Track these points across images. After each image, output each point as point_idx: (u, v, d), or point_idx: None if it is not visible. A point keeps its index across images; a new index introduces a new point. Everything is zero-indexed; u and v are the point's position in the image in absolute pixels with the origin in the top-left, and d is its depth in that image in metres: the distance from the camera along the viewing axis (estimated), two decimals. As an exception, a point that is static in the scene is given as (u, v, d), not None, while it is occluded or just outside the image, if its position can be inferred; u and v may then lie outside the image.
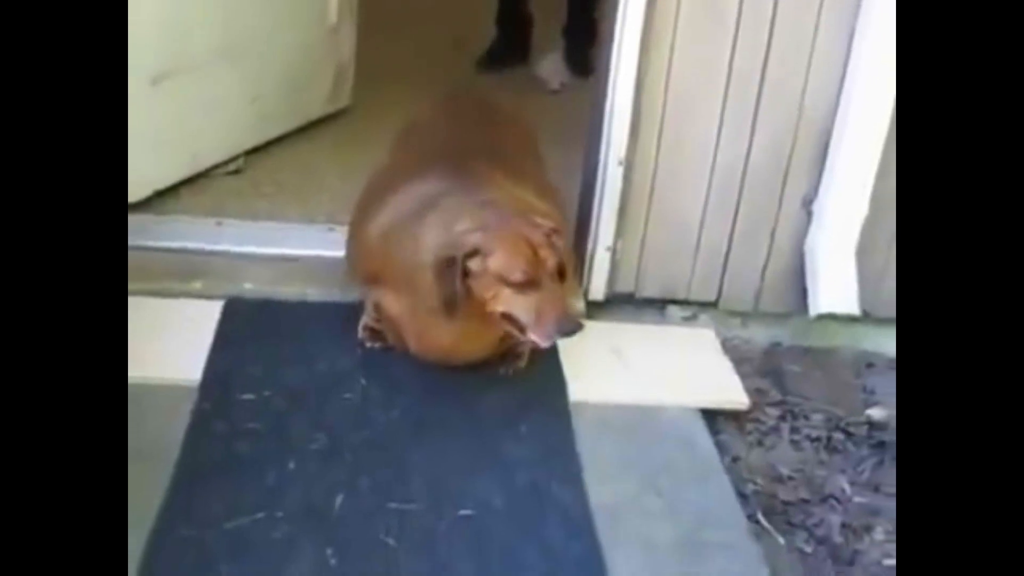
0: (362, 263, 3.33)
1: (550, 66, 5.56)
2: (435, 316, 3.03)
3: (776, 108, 3.62)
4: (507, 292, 2.92)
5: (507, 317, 2.96)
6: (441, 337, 3.14)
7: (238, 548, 2.65)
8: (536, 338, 2.93)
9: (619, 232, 3.72)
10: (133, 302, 3.22)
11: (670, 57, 3.54)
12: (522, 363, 3.31)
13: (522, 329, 2.94)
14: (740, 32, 3.54)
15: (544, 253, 2.91)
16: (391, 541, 2.74)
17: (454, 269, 2.90)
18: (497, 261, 2.91)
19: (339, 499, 2.84)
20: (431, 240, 3.02)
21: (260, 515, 2.75)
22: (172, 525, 2.70)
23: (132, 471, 2.64)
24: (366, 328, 3.35)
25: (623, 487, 3.04)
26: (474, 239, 2.92)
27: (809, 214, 3.72)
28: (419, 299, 3.07)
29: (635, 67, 3.52)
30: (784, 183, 3.71)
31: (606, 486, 3.01)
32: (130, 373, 2.93)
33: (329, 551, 2.68)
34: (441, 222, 3.03)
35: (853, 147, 3.56)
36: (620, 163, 3.63)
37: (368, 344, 3.34)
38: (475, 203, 3.04)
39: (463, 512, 2.86)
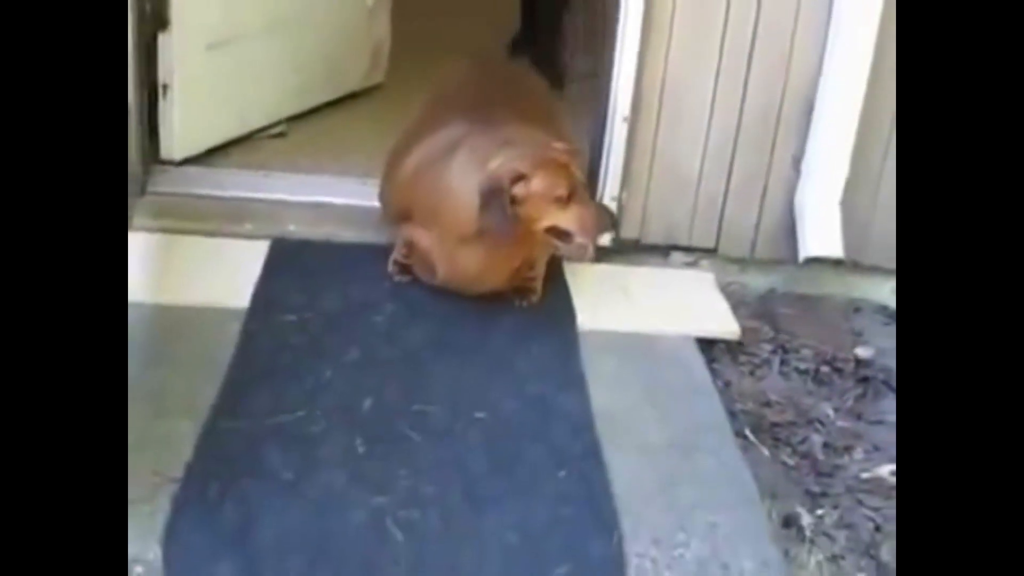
0: (395, 202, 3.62)
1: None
2: (461, 245, 3.34)
3: (765, 73, 3.90)
4: (552, 208, 3.19)
5: (553, 231, 3.23)
6: (467, 265, 3.39)
7: (279, 437, 2.94)
8: (584, 240, 3.22)
9: (624, 183, 3.99)
10: (191, 240, 3.59)
11: (670, 26, 3.85)
12: (535, 297, 3.58)
13: (568, 238, 3.23)
14: (732, 5, 3.85)
15: (573, 169, 3.21)
16: (413, 435, 3.01)
17: (503, 197, 3.16)
18: (540, 183, 3.18)
19: (368, 402, 3.12)
20: (458, 174, 3.31)
21: (300, 413, 3.04)
22: (222, 418, 2.99)
23: (187, 377, 3.00)
24: (396, 263, 3.60)
25: (621, 399, 3.30)
26: (518, 166, 3.18)
27: (798, 171, 3.98)
28: (447, 230, 3.36)
29: (639, 33, 3.82)
30: (774, 141, 3.98)
31: (606, 398, 3.27)
32: (187, 299, 3.30)
33: (358, 441, 2.96)
34: (468, 158, 3.30)
35: (835, 108, 3.84)
36: (625, 120, 3.91)
37: (397, 278, 3.60)
38: (498, 140, 3.29)
39: (478, 415, 3.13)
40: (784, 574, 2.78)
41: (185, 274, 3.67)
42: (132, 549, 2.58)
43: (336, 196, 4.08)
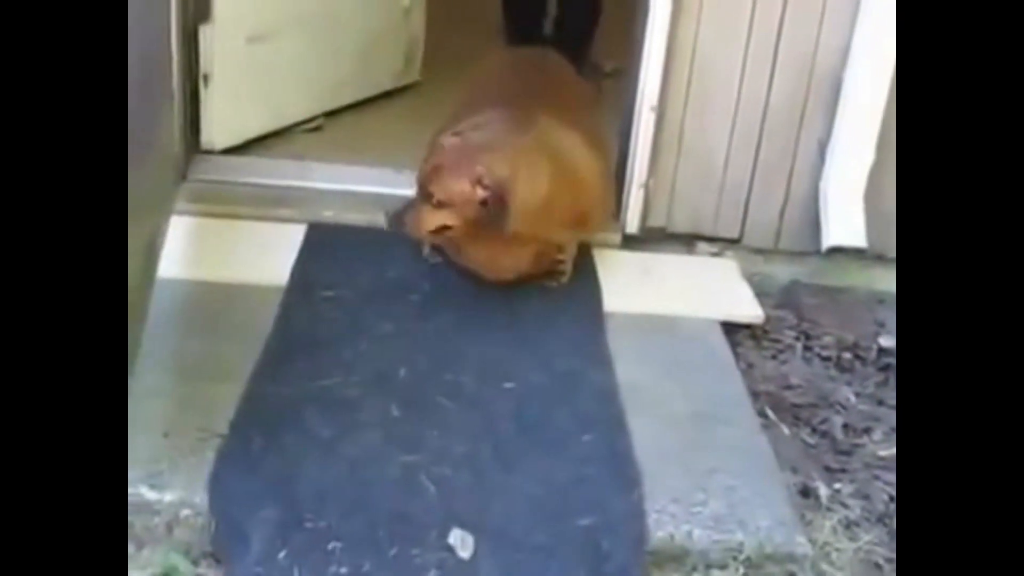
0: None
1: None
2: (480, 234, 3.47)
3: (791, 62, 4.09)
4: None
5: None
6: (480, 252, 3.60)
7: (318, 400, 3.16)
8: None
9: (651, 171, 4.19)
10: (231, 224, 3.83)
11: (698, 15, 4.05)
12: (565, 278, 3.75)
13: None
14: (759, -9, 4.01)
15: (434, 182, 3.40)
16: (445, 401, 3.23)
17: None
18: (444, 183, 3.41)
19: (402, 371, 3.35)
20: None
21: (337, 379, 3.26)
22: (263, 383, 3.22)
23: (229, 347, 3.24)
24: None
25: (646, 374, 3.50)
26: (440, 138, 3.53)
27: (823, 157, 4.16)
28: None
29: (667, 23, 4.03)
30: (800, 130, 4.17)
31: (631, 373, 3.46)
32: (229, 276, 3.53)
33: (393, 406, 3.18)
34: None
35: (861, 96, 4.02)
36: (652, 109, 4.11)
37: (432, 260, 3.78)
38: (496, 137, 3.52)
39: (507, 384, 3.35)
40: (799, 533, 2.95)
41: (225, 254, 3.91)
42: (179, 494, 2.83)
43: (371, 185, 4.29)
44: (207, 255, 3.90)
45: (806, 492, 3.22)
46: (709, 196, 4.25)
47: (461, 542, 2.75)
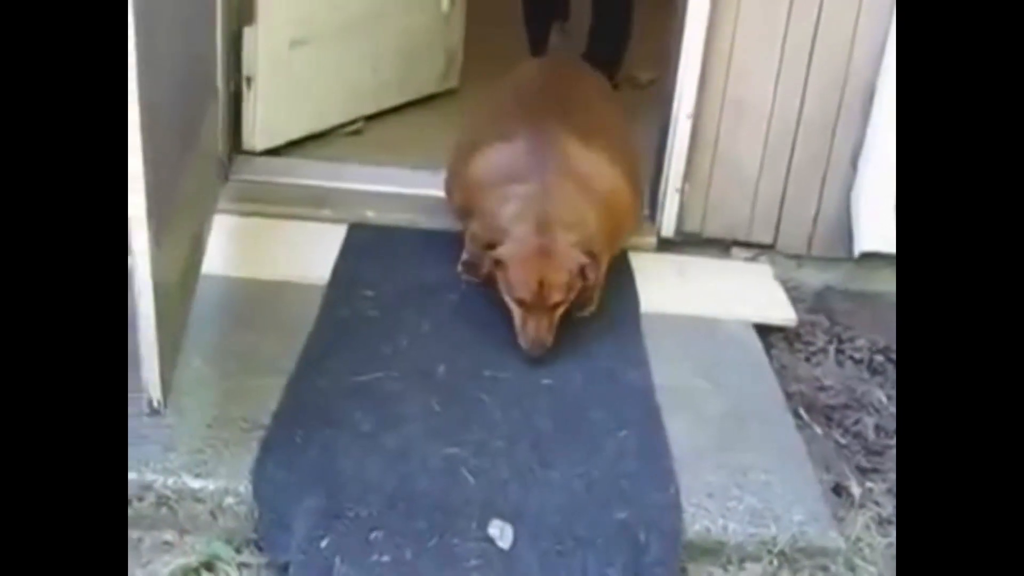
0: (456, 197, 3.86)
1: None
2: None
3: (825, 71, 4.09)
4: (510, 300, 3.41)
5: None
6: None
7: (359, 394, 3.19)
8: (519, 338, 3.40)
9: (687, 176, 4.20)
10: (275, 223, 3.86)
11: (734, 26, 4.06)
12: (592, 307, 3.63)
13: None
14: (794, 4, 4.05)
15: (548, 293, 3.34)
16: (484, 397, 3.25)
17: (484, 260, 3.48)
18: (509, 276, 3.39)
19: (442, 367, 3.36)
20: (502, 211, 3.52)
21: (378, 374, 3.28)
22: (307, 376, 3.25)
23: (272, 341, 3.26)
24: (464, 263, 3.71)
25: (681, 373, 3.51)
26: (505, 252, 3.41)
27: (855, 168, 4.17)
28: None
29: (703, 32, 4.04)
30: (832, 138, 4.17)
31: (666, 372, 3.48)
32: (272, 274, 3.56)
33: (434, 401, 3.20)
34: (509, 204, 3.52)
35: (893, 106, 3.98)
36: (688, 116, 4.12)
37: (465, 278, 3.72)
38: (536, 205, 3.48)
39: (545, 381, 3.36)
40: (832, 528, 2.97)
41: (267, 252, 3.94)
42: (223, 483, 2.86)
43: (411, 187, 4.31)
44: (250, 253, 3.93)
45: (838, 490, 3.23)
46: (743, 202, 4.25)
47: (500, 532, 2.76)
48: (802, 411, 3.58)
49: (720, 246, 4.33)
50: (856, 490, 3.22)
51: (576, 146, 3.61)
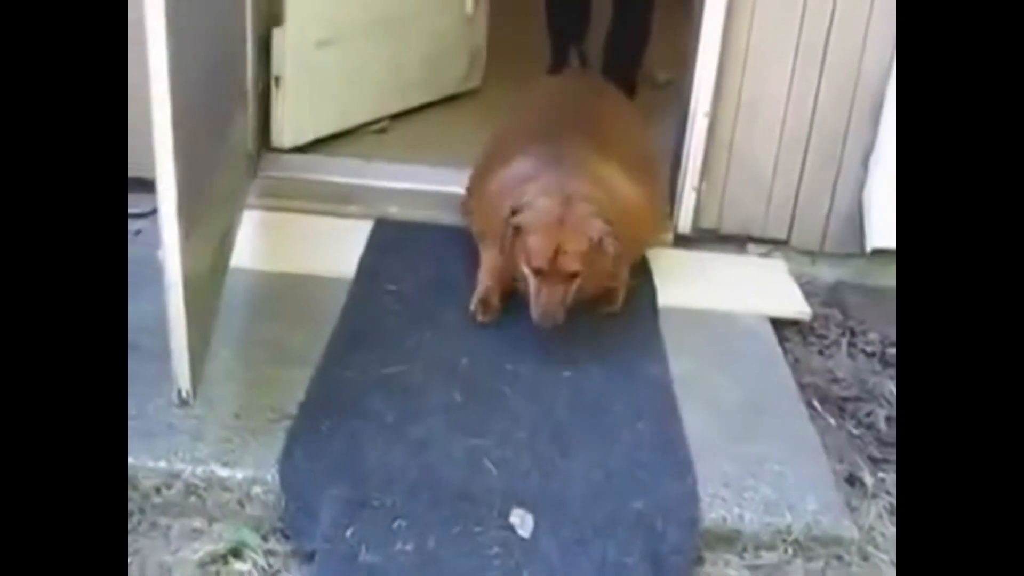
0: (479, 218, 3.76)
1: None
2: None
3: (837, 73, 4.08)
4: (525, 269, 3.28)
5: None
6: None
7: (383, 386, 3.17)
8: (531, 310, 3.28)
9: (703, 175, 4.19)
10: (302, 219, 3.85)
11: (749, 28, 4.04)
12: (616, 307, 3.60)
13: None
14: (808, 7, 4.03)
15: (563, 260, 3.21)
16: (506, 389, 3.24)
17: (507, 226, 3.33)
18: (528, 241, 3.26)
19: (464, 360, 3.35)
20: (523, 196, 3.41)
21: (401, 367, 3.27)
22: (332, 368, 3.24)
23: (298, 332, 3.25)
24: (480, 301, 3.55)
25: (698, 366, 3.49)
26: (525, 218, 3.31)
27: (866, 169, 4.15)
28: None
29: (719, 36, 4.03)
30: (845, 139, 4.15)
31: (683, 365, 3.46)
32: (300, 268, 3.55)
33: (456, 392, 3.19)
34: (529, 189, 3.42)
35: (903, 107, 4.01)
36: (705, 115, 4.11)
37: (480, 318, 3.53)
38: (557, 186, 3.40)
39: (565, 373, 3.35)
40: (845, 517, 2.95)
41: (294, 247, 3.94)
42: (250, 472, 2.85)
43: (435, 184, 4.28)
44: (277, 247, 3.92)
45: (852, 480, 3.21)
46: (758, 200, 4.24)
47: (521, 521, 2.75)
48: (815, 402, 3.55)
49: (736, 242, 4.32)
50: (869, 480, 3.19)
51: (594, 159, 3.56)
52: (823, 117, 4.14)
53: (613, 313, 3.57)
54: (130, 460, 2.83)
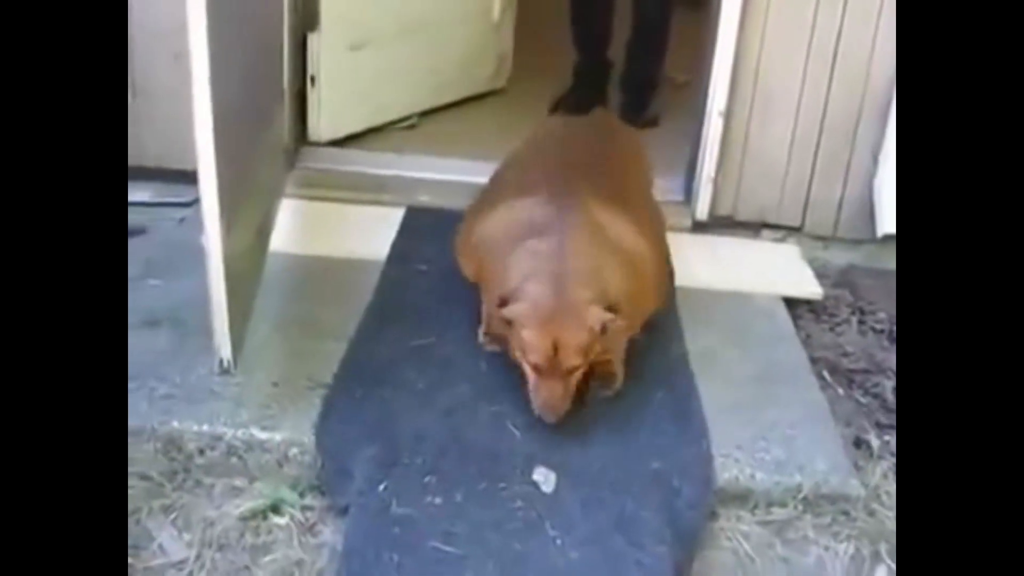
0: (468, 264, 3.42)
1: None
2: None
3: (848, 70, 4.14)
4: (525, 364, 2.91)
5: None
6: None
7: (415, 358, 3.24)
8: (532, 402, 2.92)
9: (719, 168, 4.26)
10: (337, 207, 3.93)
11: (763, 29, 4.11)
12: (617, 383, 3.16)
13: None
14: (819, 8, 4.10)
15: (563, 356, 2.82)
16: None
17: (500, 319, 2.95)
18: (522, 335, 2.87)
19: (490, 334, 3.38)
20: (514, 268, 3.02)
21: (431, 340, 3.33)
22: (366, 341, 3.30)
23: (333, 310, 3.32)
24: (486, 334, 3.30)
25: (713, 341, 3.54)
26: (516, 311, 2.89)
27: (876, 161, 4.21)
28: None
29: (734, 37, 4.10)
30: (855, 132, 4.21)
31: (700, 341, 3.51)
32: (335, 251, 3.62)
33: (482, 363, 3.25)
34: (522, 261, 3.02)
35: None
36: (720, 114, 4.18)
37: (488, 348, 3.29)
38: (552, 257, 2.99)
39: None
40: (852, 476, 3.00)
41: (329, 232, 4.02)
42: (288, 434, 2.93)
43: (464, 175, 4.32)
44: (314, 233, 4.00)
45: (858, 443, 3.26)
46: (772, 190, 4.30)
47: (544, 478, 2.80)
48: (826, 374, 3.60)
49: (751, 228, 4.38)
50: (875, 443, 3.24)
51: (599, 208, 3.17)
52: (834, 113, 4.19)
53: (613, 394, 3.13)
54: (175, 424, 2.93)
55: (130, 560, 2.62)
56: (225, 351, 2.86)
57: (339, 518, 2.79)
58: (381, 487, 2.74)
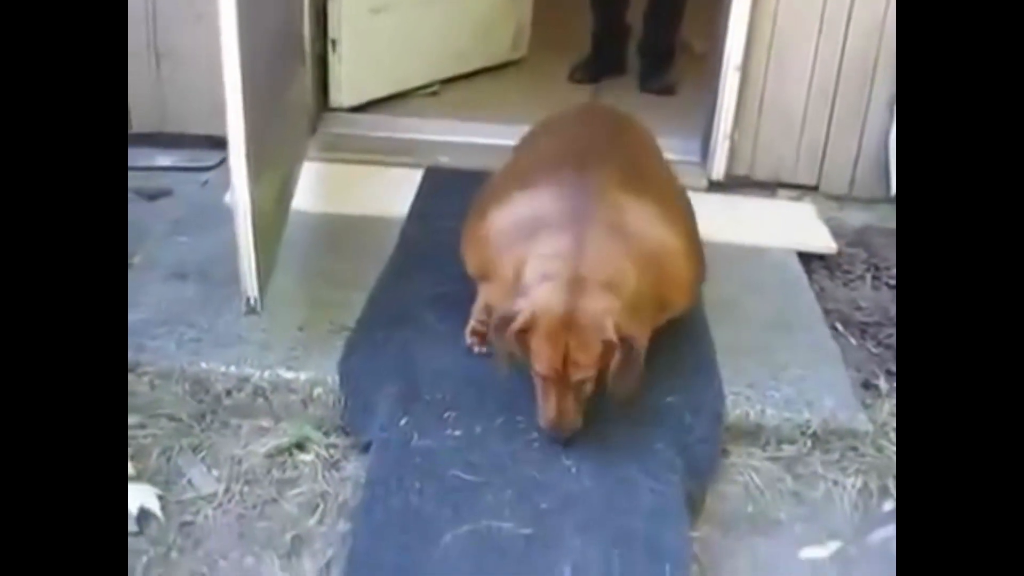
0: (472, 257, 3.22)
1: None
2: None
3: (862, 25, 4.28)
4: (533, 372, 2.78)
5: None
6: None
7: (435, 303, 3.39)
8: (539, 416, 2.81)
9: (736, 125, 4.40)
10: (359, 168, 4.09)
11: (779, -15, 4.21)
12: (632, 403, 2.90)
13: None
14: (836, -38, 4.19)
15: (573, 369, 2.70)
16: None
17: (507, 334, 2.75)
18: (531, 342, 2.72)
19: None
20: (528, 268, 2.83)
21: (450, 288, 3.44)
22: (387, 288, 3.48)
23: (356, 263, 3.48)
24: (473, 332, 3.18)
25: (728, 290, 3.68)
26: (525, 319, 2.71)
27: (892, 113, 4.32)
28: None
29: (750, -6, 4.20)
30: (870, 88, 4.35)
31: (714, 290, 3.59)
32: (356, 210, 3.78)
33: (500, 310, 3.39)
34: (536, 260, 2.83)
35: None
36: (737, 69, 4.32)
37: (476, 349, 3.16)
38: (568, 257, 2.78)
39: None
40: (860, 412, 3.15)
41: (351, 192, 4.20)
42: (313, 374, 3.09)
43: (485, 137, 4.51)
44: (335, 193, 4.18)
45: (867, 385, 3.39)
46: (789, 147, 4.44)
47: (560, 412, 2.91)
48: (839, 325, 3.72)
49: (767, 188, 4.52)
50: (884, 386, 3.36)
51: (621, 196, 2.97)
52: (849, 67, 4.33)
53: (632, 405, 2.91)
54: (203, 365, 3.10)
55: (161, 494, 2.79)
56: (252, 290, 3.01)
57: (362, 455, 2.94)
58: (402, 421, 2.89)
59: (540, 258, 2.78)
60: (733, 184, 4.46)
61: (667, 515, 2.68)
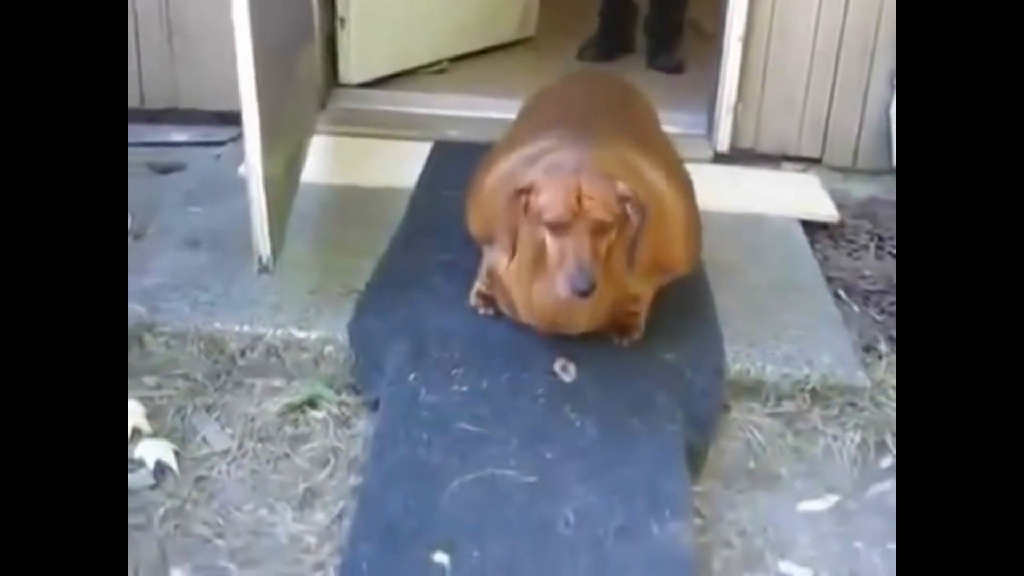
0: (476, 218, 3.27)
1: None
2: (538, 277, 2.90)
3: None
4: (547, 233, 2.74)
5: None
6: (544, 302, 2.96)
7: (442, 268, 3.50)
8: (557, 283, 2.74)
9: (740, 97, 4.50)
10: (368, 142, 4.21)
11: (780, -45, 4.30)
12: (638, 334, 3.15)
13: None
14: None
15: (588, 204, 2.67)
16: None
17: (516, 202, 2.80)
18: (540, 199, 2.72)
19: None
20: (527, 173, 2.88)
21: (457, 254, 3.55)
22: (395, 254, 3.59)
23: (365, 231, 3.59)
24: (478, 294, 3.24)
25: (731, 257, 3.78)
26: (531, 175, 2.80)
27: (892, 86, 4.41)
28: (519, 257, 2.90)
29: (752, -37, 4.29)
30: (872, 59, 4.44)
31: (717, 256, 3.71)
32: (363, 181, 3.89)
33: (506, 275, 3.50)
34: (545, 171, 2.86)
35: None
36: (739, 39, 4.42)
37: (481, 311, 3.24)
38: (580, 156, 2.88)
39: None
40: (859, 369, 3.26)
41: (360, 164, 4.32)
42: (324, 333, 3.21)
43: (492, 111, 4.58)
44: (345, 165, 4.30)
45: (868, 348, 3.48)
46: (792, 119, 4.53)
47: (563, 369, 3.05)
48: (842, 293, 3.81)
49: (771, 161, 4.60)
50: (884, 348, 3.44)
51: (627, 146, 3.12)
52: (851, 40, 4.42)
53: (634, 340, 3.15)
54: (217, 326, 3.22)
55: (177, 450, 2.90)
56: (264, 250, 3.13)
57: (372, 412, 3.05)
58: (411, 377, 3.00)
59: (541, 164, 2.89)
60: (738, 157, 4.54)
61: (667, 464, 2.79)
